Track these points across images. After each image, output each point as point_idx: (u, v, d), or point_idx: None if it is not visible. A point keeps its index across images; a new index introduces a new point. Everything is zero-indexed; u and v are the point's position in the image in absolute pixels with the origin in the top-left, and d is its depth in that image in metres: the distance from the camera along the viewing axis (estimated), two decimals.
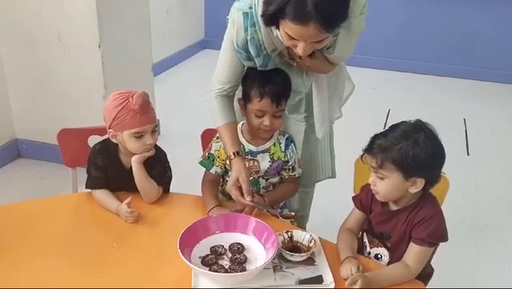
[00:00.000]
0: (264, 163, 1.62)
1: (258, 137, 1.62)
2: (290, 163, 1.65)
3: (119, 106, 1.46)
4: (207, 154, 1.66)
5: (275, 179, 1.68)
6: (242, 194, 1.46)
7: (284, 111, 1.59)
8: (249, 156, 1.61)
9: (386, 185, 1.31)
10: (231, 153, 1.52)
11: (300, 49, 1.32)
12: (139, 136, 1.48)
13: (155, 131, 1.52)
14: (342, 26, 1.31)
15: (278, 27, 1.33)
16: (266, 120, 1.54)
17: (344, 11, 1.29)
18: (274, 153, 1.63)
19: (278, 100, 1.52)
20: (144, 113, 1.47)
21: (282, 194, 1.70)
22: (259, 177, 1.64)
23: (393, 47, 4.87)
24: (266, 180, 1.66)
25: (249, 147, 1.62)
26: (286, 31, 1.30)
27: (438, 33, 4.71)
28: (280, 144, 1.64)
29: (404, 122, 1.32)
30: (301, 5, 1.22)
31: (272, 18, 1.31)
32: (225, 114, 1.58)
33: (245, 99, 1.57)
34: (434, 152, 1.27)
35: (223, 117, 1.57)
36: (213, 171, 1.64)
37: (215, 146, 1.64)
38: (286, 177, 1.68)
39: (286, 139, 1.66)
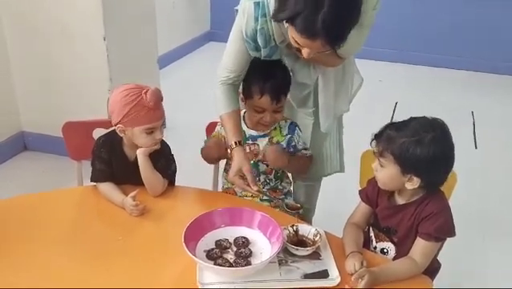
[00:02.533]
0: (262, 146, 1.64)
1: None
2: (300, 146, 1.68)
3: (133, 102, 1.44)
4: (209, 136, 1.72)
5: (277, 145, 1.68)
6: (247, 184, 1.47)
7: (283, 106, 1.59)
8: (250, 141, 1.64)
9: (384, 173, 1.31)
10: (232, 142, 1.53)
11: (305, 53, 1.35)
12: (150, 131, 1.48)
13: (163, 125, 1.52)
14: None
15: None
16: (267, 116, 1.56)
17: (353, 26, 1.29)
18: (273, 137, 1.65)
19: (278, 98, 1.54)
20: (156, 109, 1.47)
21: (299, 164, 1.70)
22: (258, 160, 1.65)
23: (401, 40, 4.82)
24: (267, 165, 1.66)
25: (250, 132, 1.65)
26: (292, 36, 1.32)
27: (446, 25, 4.66)
28: (281, 128, 1.66)
29: (423, 117, 1.30)
30: (311, 20, 1.22)
31: (282, 21, 1.33)
32: (228, 103, 1.58)
33: (246, 95, 1.58)
34: (436, 156, 1.24)
35: (226, 106, 1.57)
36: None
37: (218, 128, 1.70)
38: (299, 154, 1.69)
39: (291, 124, 1.67)
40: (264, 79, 1.52)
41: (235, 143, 1.52)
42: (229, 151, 1.56)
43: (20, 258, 1.28)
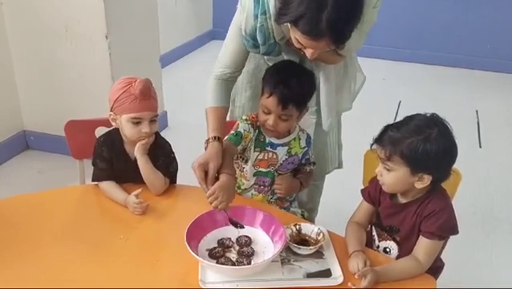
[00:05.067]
0: (281, 155, 1.60)
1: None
2: (313, 159, 1.67)
3: (122, 89, 1.46)
4: (234, 132, 1.57)
5: (287, 175, 1.66)
6: (205, 179, 1.36)
7: (293, 116, 1.53)
8: (269, 148, 1.59)
9: (392, 177, 1.29)
10: (210, 136, 1.45)
11: (308, 54, 1.34)
12: (136, 122, 1.47)
13: (154, 120, 1.51)
14: None
15: None
16: (270, 120, 1.50)
17: (356, 24, 1.28)
18: (292, 148, 1.61)
19: (285, 104, 1.47)
20: (143, 99, 1.46)
21: (306, 183, 1.69)
22: (275, 170, 1.62)
23: (404, 38, 4.82)
24: (278, 174, 1.64)
25: (270, 139, 1.59)
26: (296, 37, 1.30)
27: (450, 23, 4.65)
28: (300, 140, 1.62)
29: (419, 115, 1.29)
30: (315, 21, 1.21)
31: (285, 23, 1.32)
32: (216, 97, 1.55)
33: (261, 91, 1.54)
34: (445, 151, 1.24)
35: (214, 100, 1.55)
36: (239, 148, 1.57)
37: (243, 126, 1.57)
38: (308, 170, 1.68)
39: (308, 136, 1.65)
40: (278, 81, 1.48)
41: (213, 137, 1.45)
42: (204, 144, 1.48)
43: (22, 256, 1.28)
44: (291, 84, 1.47)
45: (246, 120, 1.58)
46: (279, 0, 1.30)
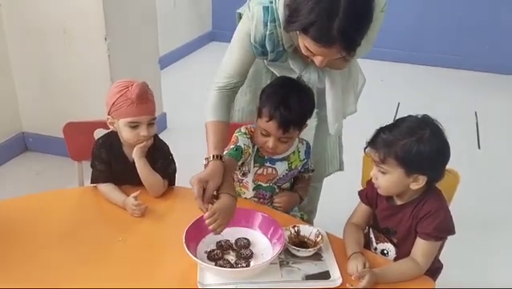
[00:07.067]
0: (281, 170, 1.58)
1: None
2: (312, 167, 1.67)
3: (119, 93, 1.45)
4: (234, 146, 1.50)
5: (287, 185, 1.65)
6: (203, 196, 1.29)
7: (293, 137, 1.50)
8: (268, 164, 1.57)
9: (387, 180, 1.29)
10: (211, 155, 1.38)
11: (318, 61, 1.32)
12: (133, 126, 1.47)
13: (152, 124, 1.50)
14: None
15: None
16: (270, 142, 1.45)
17: (367, 30, 1.26)
18: (292, 162, 1.59)
19: (286, 127, 1.42)
20: (140, 103, 1.45)
21: (305, 192, 1.68)
22: (274, 183, 1.61)
23: (402, 39, 4.81)
24: (279, 186, 1.63)
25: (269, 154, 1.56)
26: (305, 45, 1.29)
27: (448, 24, 4.65)
28: (299, 152, 1.60)
29: (411, 116, 1.30)
30: (326, 28, 1.20)
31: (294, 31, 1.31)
32: (218, 112, 1.48)
33: (258, 112, 1.49)
34: (438, 151, 1.25)
35: (215, 114, 1.47)
36: (240, 162, 1.53)
37: (242, 140, 1.52)
38: (306, 177, 1.67)
39: (307, 146, 1.63)
40: (278, 103, 1.41)
41: (213, 156, 1.37)
42: (204, 162, 1.39)
43: (20, 258, 1.28)
44: (291, 106, 1.42)
45: (245, 133, 1.54)
46: (288, 8, 1.28)
